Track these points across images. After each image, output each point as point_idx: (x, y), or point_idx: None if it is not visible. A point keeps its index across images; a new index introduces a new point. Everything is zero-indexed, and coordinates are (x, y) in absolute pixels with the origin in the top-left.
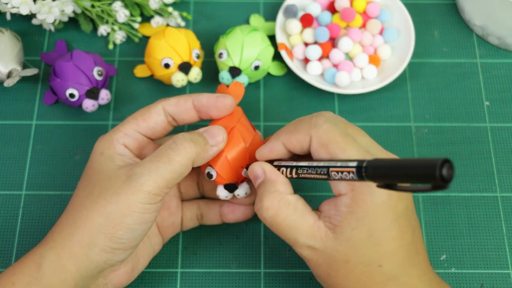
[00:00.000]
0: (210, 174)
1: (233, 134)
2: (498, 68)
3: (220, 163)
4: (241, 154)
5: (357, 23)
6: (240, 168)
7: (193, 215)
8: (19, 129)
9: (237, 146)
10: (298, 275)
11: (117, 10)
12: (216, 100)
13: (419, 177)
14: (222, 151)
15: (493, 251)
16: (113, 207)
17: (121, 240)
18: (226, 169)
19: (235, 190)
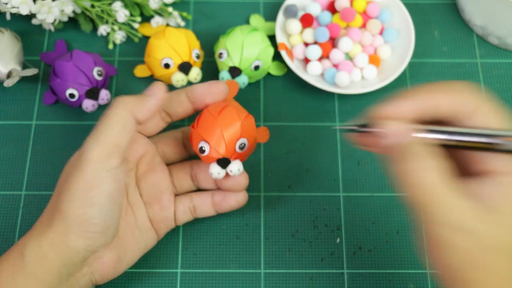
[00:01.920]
0: (203, 149)
1: (228, 110)
2: (498, 68)
3: (214, 135)
4: (235, 129)
5: (357, 23)
6: (234, 142)
7: (186, 208)
8: (19, 129)
9: (231, 121)
10: (298, 276)
11: (117, 10)
12: (209, 86)
13: None
14: (215, 124)
15: None
16: (74, 187)
17: (92, 221)
18: (219, 142)
19: (228, 166)
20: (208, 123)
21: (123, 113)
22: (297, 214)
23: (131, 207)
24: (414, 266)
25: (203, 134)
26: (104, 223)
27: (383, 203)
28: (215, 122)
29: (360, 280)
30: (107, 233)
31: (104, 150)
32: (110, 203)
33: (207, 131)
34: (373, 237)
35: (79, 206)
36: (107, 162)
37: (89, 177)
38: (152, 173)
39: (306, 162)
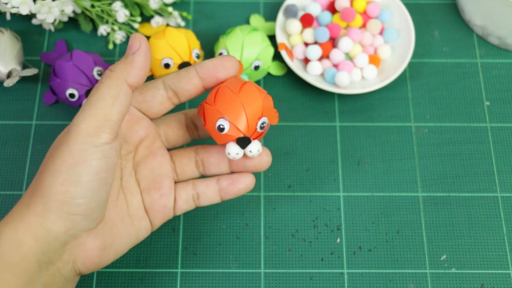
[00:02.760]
0: (221, 127)
1: (249, 86)
2: (498, 68)
3: (236, 112)
4: (257, 106)
5: (357, 23)
6: (255, 120)
7: (189, 196)
8: (19, 129)
9: (253, 98)
10: (298, 275)
11: (117, 10)
12: (221, 59)
13: None
14: (237, 101)
15: (493, 251)
16: (58, 161)
17: (75, 201)
18: (241, 119)
19: (247, 146)
20: (228, 99)
21: (114, 82)
22: (297, 214)
23: (124, 192)
24: (414, 266)
25: (222, 111)
26: (88, 204)
27: (383, 203)
28: (235, 98)
29: (360, 280)
30: (91, 216)
31: (93, 123)
32: (96, 182)
33: (227, 108)
34: (373, 237)
35: (62, 183)
36: (96, 137)
37: (75, 152)
38: (152, 158)
39: (306, 162)
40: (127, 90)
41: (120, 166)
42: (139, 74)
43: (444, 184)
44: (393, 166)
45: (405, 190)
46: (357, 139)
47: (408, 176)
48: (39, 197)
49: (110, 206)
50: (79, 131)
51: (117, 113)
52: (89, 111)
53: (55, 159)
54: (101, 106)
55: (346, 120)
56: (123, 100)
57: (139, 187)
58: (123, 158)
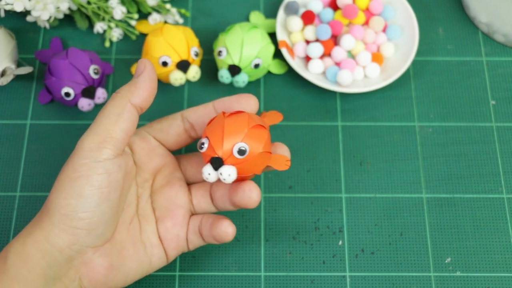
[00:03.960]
0: (202, 145)
1: (242, 114)
2: (504, 66)
3: (216, 133)
4: (239, 128)
5: (360, 20)
6: (233, 142)
7: (196, 227)
8: (13, 129)
9: (239, 121)
10: (299, 279)
11: (113, 7)
12: (238, 97)
13: None
14: (222, 123)
15: (499, 253)
16: (62, 177)
17: (77, 215)
18: (218, 139)
19: (220, 168)
20: (215, 122)
21: (118, 102)
22: (298, 215)
23: (138, 219)
24: (418, 269)
25: (207, 131)
26: (90, 218)
27: (386, 204)
28: (221, 120)
29: (363, 283)
30: (95, 232)
31: (95, 140)
32: (98, 196)
33: (211, 128)
34: (376, 239)
35: (65, 197)
36: (98, 152)
37: (78, 166)
38: (169, 187)
39: (308, 163)
40: (131, 109)
41: (136, 193)
42: (143, 94)
43: (448, 185)
44: (397, 166)
45: (409, 191)
46: (360, 139)
47: (411, 177)
48: (45, 212)
49: (122, 228)
50: (83, 147)
51: (120, 131)
52: (93, 128)
53: (60, 175)
54: (104, 123)
55: (348, 120)
56: (126, 118)
57: (154, 215)
58: (139, 185)
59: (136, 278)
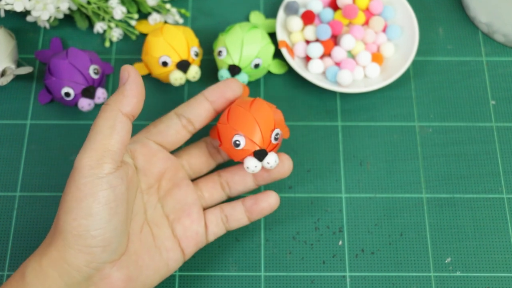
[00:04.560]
0: (238, 143)
1: (258, 101)
2: (504, 66)
3: (249, 126)
4: (269, 119)
5: (360, 20)
6: (269, 132)
7: (218, 219)
8: (13, 129)
9: (265, 111)
10: (299, 279)
11: (113, 7)
12: (225, 82)
13: None
14: (249, 116)
15: (499, 254)
16: (68, 198)
17: (90, 233)
18: (255, 133)
19: (265, 158)
20: (241, 116)
21: (109, 114)
22: (298, 215)
23: (149, 225)
24: (418, 269)
25: (236, 127)
26: (103, 235)
27: (386, 204)
28: (248, 113)
29: (363, 283)
30: (109, 247)
31: (93, 156)
32: (107, 212)
33: (240, 123)
34: (376, 239)
35: (75, 218)
36: (99, 168)
37: (81, 186)
38: (177, 189)
39: (308, 162)
40: (123, 119)
41: (142, 201)
42: (132, 101)
43: (448, 185)
44: (397, 166)
45: (409, 191)
46: (360, 139)
47: (411, 177)
48: (58, 234)
49: (134, 238)
50: (83, 165)
51: (116, 143)
52: (89, 145)
53: (65, 196)
54: (99, 138)
55: (348, 120)
56: (120, 129)
57: (167, 220)
58: (144, 192)
59: (155, 284)
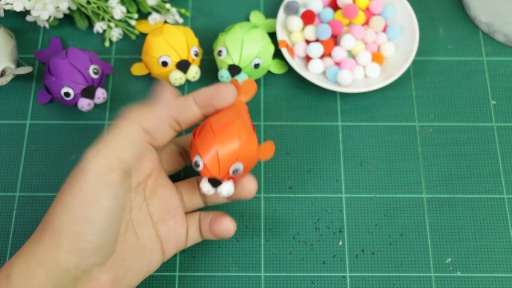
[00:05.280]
0: (197, 164)
1: (230, 129)
2: (505, 66)
3: (209, 155)
4: (233, 151)
5: (360, 20)
6: (228, 165)
7: (197, 225)
8: (12, 129)
9: (231, 143)
10: (299, 279)
11: (113, 6)
12: (217, 88)
13: None
14: (213, 142)
15: (499, 254)
16: (69, 199)
17: (86, 237)
18: (214, 163)
19: (218, 187)
20: (206, 138)
21: (131, 125)
22: (298, 216)
23: (133, 225)
24: (418, 270)
25: (199, 148)
26: (98, 241)
27: (387, 204)
28: (213, 138)
29: (363, 284)
30: (101, 251)
31: (105, 162)
32: (107, 221)
33: (203, 146)
34: (376, 240)
35: (73, 222)
36: (107, 176)
37: (86, 191)
38: (162, 189)
39: (308, 163)
40: (142, 135)
41: (130, 199)
42: (155, 123)
43: (449, 185)
44: (397, 166)
45: (409, 191)
46: (360, 139)
47: (412, 177)
48: (49, 233)
49: (120, 240)
50: (90, 169)
51: (130, 155)
52: (102, 150)
53: (65, 196)
54: (114, 147)
55: (349, 120)
56: (137, 143)
57: (151, 220)
58: (133, 190)
59: (137, 284)
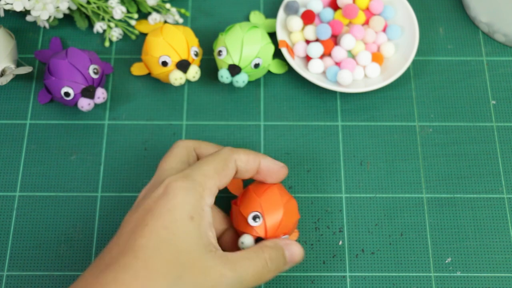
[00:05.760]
0: (257, 218)
1: (293, 203)
2: (505, 66)
3: (274, 215)
4: (290, 224)
5: (360, 20)
6: (281, 234)
7: None
8: (12, 129)
9: (292, 216)
10: (299, 279)
11: (113, 6)
12: (279, 168)
13: None
14: (280, 208)
15: (499, 254)
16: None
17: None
18: (273, 227)
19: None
20: (273, 200)
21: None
22: None
23: None
24: (418, 269)
25: (264, 205)
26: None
27: (387, 204)
28: (280, 203)
29: (363, 284)
30: None
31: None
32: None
33: (269, 204)
34: (376, 239)
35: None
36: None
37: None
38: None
39: (308, 163)
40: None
41: None
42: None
43: (449, 185)
44: (397, 166)
45: (409, 191)
46: (360, 139)
47: (412, 177)
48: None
49: None
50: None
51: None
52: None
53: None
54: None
55: (349, 120)
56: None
57: None
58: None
59: None
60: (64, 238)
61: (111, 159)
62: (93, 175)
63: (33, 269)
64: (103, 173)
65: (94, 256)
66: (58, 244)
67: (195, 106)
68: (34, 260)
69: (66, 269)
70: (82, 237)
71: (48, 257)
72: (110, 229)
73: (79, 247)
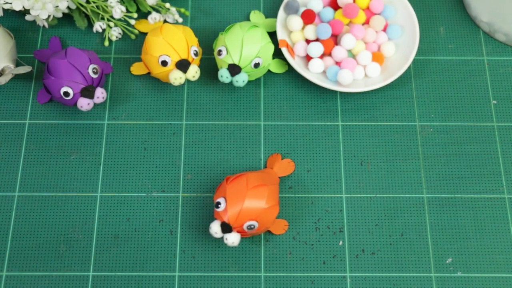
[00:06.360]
0: (219, 205)
1: (263, 189)
2: (505, 65)
3: (235, 202)
4: (257, 209)
5: (360, 20)
6: (247, 219)
7: None
8: (12, 129)
9: (259, 201)
10: (299, 279)
11: (113, 5)
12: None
13: None
14: (244, 194)
15: (500, 254)
16: None
17: None
18: (236, 211)
19: (227, 233)
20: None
21: None
22: (298, 215)
23: None
24: (419, 270)
25: (228, 193)
26: None
27: (387, 204)
28: (245, 190)
29: (363, 284)
30: None
31: None
32: None
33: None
34: (377, 240)
35: None
36: None
37: None
38: None
39: (308, 162)
40: None
41: None
42: None
43: (449, 185)
44: (397, 166)
45: (410, 191)
46: (360, 139)
47: (412, 177)
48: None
49: None
50: None
51: None
52: None
53: None
54: None
55: (349, 119)
56: None
57: None
58: None
59: None
60: (63, 238)
61: (110, 159)
62: (92, 175)
63: (32, 270)
64: (102, 173)
65: (93, 256)
66: (57, 244)
67: (195, 106)
68: (33, 260)
69: (66, 269)
70: (81, 237)
71: (48, 257)
72: (109, 229)
73: (78, 247)
